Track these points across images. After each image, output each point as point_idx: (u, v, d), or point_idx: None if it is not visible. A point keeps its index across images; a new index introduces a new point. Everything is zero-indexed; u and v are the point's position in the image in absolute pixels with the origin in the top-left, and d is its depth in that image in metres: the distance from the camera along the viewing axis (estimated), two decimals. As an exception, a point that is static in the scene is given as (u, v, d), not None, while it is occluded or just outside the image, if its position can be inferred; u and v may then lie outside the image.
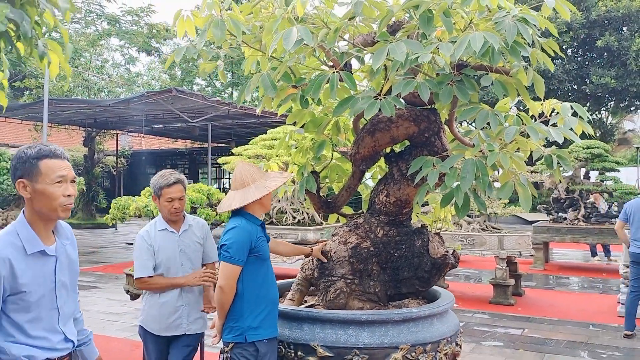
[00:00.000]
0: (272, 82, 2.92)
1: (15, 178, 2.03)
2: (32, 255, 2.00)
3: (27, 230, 2.01)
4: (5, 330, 1.97)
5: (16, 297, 1.95)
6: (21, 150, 2.05)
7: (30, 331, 1.99)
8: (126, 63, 26.34)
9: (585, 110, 2.96)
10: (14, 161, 2.04)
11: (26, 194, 2.02)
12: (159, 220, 3.36)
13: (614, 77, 21.28)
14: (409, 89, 2.65)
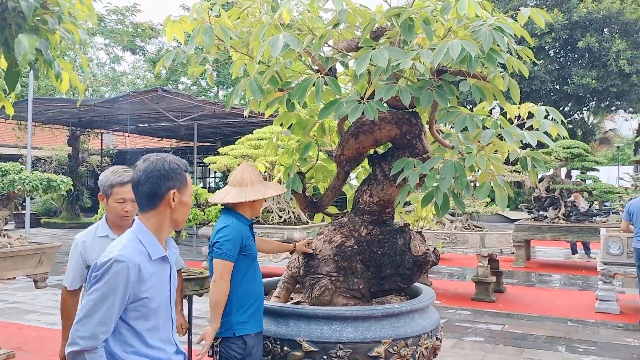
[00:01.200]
0: (260, 86, 3.02)
1: (172, 188, 2.02)
2: (155, 261, 1.99)
3: (149, 237, 1.99)
4: (124, 339, 1.93)
5: (139, 303, 1.92)
6: (174, 161, 2.07)
7: (150, 341, 1.97)
8: (111, 62, 26.22)
9: (567, 110, 3.10)
10: (167, 171, 2.03)
11: (174, 203, 2.02)
12: (102, 224, 2.87)
13: (595, 77, 21.65)
14: (391, 94, 2.77)
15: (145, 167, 2.03)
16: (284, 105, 3.29)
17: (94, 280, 1.88)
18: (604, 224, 10.80)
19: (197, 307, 7.05)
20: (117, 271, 1.85)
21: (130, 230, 2.01)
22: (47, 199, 22.32)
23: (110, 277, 1.85)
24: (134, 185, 2.03)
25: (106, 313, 1.84)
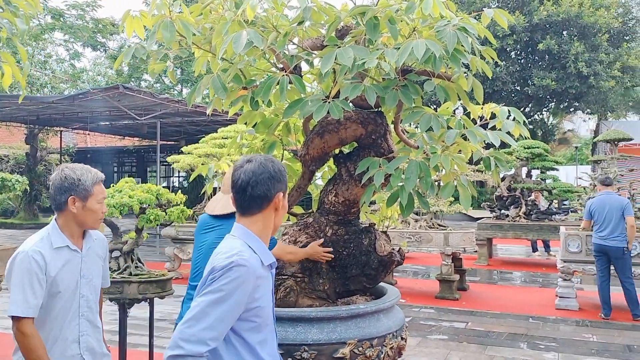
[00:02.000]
0: (223, 84, 2.95)
1: (280, 190, 1.93)
2: (265, 268, 1.86)
3: (258, 242, 1.87)
4: (238, 353, 1.80)
5: (252, 312, 1.80)
6: (279, 163, 1.98)
7: (262, 355, 1.84)
8: (71, 58, 25.52)
9: (528, 111, 3.14)
10: (276, 173, 1.92)
11: (279, 207, 1.95)
12: (54, 234, 2.36)
13: (555, 79, 22.22)
14: (357, 93, 2.75)
15: (254, 168, 1.88)
16: (248, 103, 3.24)
17: (209, 282, 1.74)
18: (563, 223, 11.07)
19: (159, 309, 6.92)
20: (239, 276, 1.72)
21: (233, 235, 1.88)
22: (3, 199, 21.61)
23: (231, 281, 1.71)
24: (239, 187, 1.87)
25: (219, 317, 1.70)
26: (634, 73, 23.62)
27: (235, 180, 1.88)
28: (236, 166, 1.92)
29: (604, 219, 6.73)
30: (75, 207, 2.33)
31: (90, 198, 2.36)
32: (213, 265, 1.76)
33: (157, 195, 3.86)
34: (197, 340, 1.65)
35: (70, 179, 2.33)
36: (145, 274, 3.93)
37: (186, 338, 1.66)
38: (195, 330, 1.66)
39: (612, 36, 22.88)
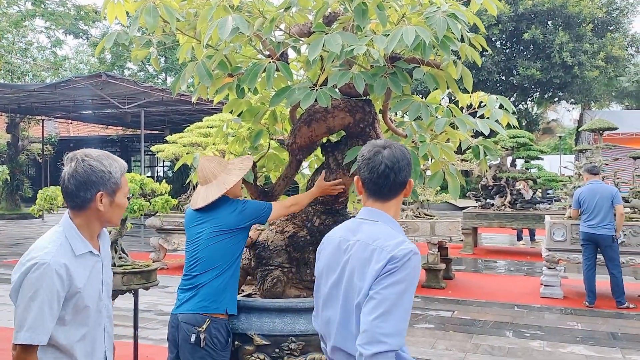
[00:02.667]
0: (208, 71, 2.89)
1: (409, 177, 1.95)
2: None
3: (402, 230, 1.94)
4: None
5: None
6: None
7: None
8: (52, 46, 25.06)
9: (513, 100, 3.12)
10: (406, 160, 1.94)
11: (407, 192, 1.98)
12: (72, 236, 1.92)
13: (539, 69, 22.33)
14: (345, 80, 2.70)
15: (396, 154, 1.86)
16: (233, 91, 3.17)
17: (391, 273, 1.70)
18: (547, 212, 11.16)
19: (143, 300, 6.85)
20: (416, 264, 1.73)
21: (374, 220, 1.86)
22: (-16, 189, 21.28)
23: (411, 270, 1.71)
24: (382, 173, 1.84)
25: (407, 307, 1.70)
26: (617, 63, 23.82)
27: (376, 165, 1.85)
28: (371, 152, 1.89)
29: (593, 208, 6.76)
30: (103, 204, 1.92)
31: (119, 192, 1.98)
32: (392, 255, 1.72)
33: (141, 185, 3.79)
34: (397, 332, 1.65)
35: (99, 172, 1.90)
36: (129, 265, 3.86)
37: (387, 332, 1.64)
38: (393, 323, 1.65)
39: (597, 26, 23.02)
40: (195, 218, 2.97)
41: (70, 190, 1.90)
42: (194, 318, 2.82)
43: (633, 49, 25.63)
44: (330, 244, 1.94)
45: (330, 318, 1.89)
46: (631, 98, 32.48)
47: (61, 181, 1.93)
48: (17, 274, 1.81)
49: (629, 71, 29.25)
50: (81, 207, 1.92)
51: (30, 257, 1.81)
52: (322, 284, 1.93)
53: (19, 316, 1.78)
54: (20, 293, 1.79)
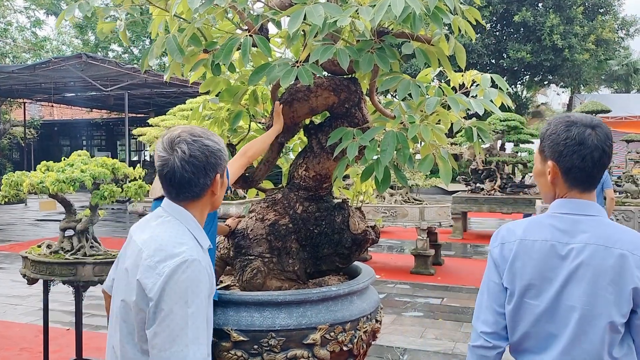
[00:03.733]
0: (179, 46, 2.65)
1: None
2: None
3: None
4: None
5: None
6: None
7: None
8: (32, 26, 24.41)
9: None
10: None
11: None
12: (195, 228, 1.67)
13: (530, 51, 22.14)
14: (328, 56, 2.48)
15: (604, 135, 1.61)
16: (209, 69, 2.95)
17: None
18: (537, 196, 11.04)
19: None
20: None
21: (604, 217, 1.61)
22: (-35, 173, 20.85)
23: None
24: (596, 163, 1.58)
25: None
26: (607, 46, 23.71)
27: (591, 151, 1.57)
28: (580, 133, 1.58)
29: None
30: (219, 187, 1.68)
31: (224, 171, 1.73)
32: None
33: (112, 170, 3.55)
34: None
35: (217, 151, 1.62)
36: (101, 255, 3.64)
37: None
38: None
39: (587, 9, 22.84)
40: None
41: (187, 179, 1.58)
42: None
43: (623, 32, 25.51)
44: (536, 249, 1.59)
45: (551, 333, 1.60)
46: (620, 81, 32.46)
47: (166, 170, 1.58)
48: (152, 278, 1.46)
49: (619, 54, 29.18)
50: (198, 196, 1.64)
51: (169, 254, 1.49)
52: (532, 298, 1.60)
53: (171, 329, 1.42)
54: (167, 299, 1.43)
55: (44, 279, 3.68)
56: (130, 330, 1.54)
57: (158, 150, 1.61)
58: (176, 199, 1.64)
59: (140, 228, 1.68)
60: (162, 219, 1.63)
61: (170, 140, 1.59)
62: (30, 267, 3.67)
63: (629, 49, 30.67)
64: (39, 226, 13.79)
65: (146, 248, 1.54)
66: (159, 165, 1.60)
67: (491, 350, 1.66)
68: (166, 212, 1.65)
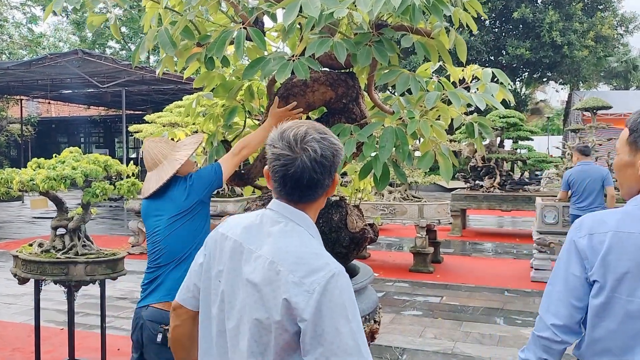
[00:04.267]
0: (171, 39, 2.57)
1: None
2: None
3: None
4: None
5: None
6: None
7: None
8: (28, 22, 24.24)
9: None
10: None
11: None
12: (316, 235, 1.65)
13: (529, 48, 22.04)
14: (325, 49, 2.40)
15: None
16: (203, 63, 2.86)
17: None
18: (537, 193, 10.98)
19: (120, 287, 6.57)
20: None
21: None
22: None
23: None
24: None
25: None
26: (606, 43, 23.60)
27: None
28: None
29: (583, 190, 6.53)
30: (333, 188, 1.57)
31: None
32: None
33: (105, 167, 3.47)
34: None
35: (340, 149, 1.51)
36: (93, 254, 3.56)
37: None
38: None
39: (586, 5, 22.74)
40: (150, 208, 2.70)
41: (316, 180, 1.44)
42: (160, 315, 2.54)
43: (622, 29, 25.42)
44: (632, 242, 1.50)
45: None
46: (619, 78, 32.38)
47: (292, 170, 1.43)
48: (302, 296, 1.34)
49: (618, 51, 29.10)
50: (317, 198, 1.51)
51: (312, 268, 1.37)
52: (626, 294, 1.50)
53: (343, 350, 1.32)
54: (327, 319, 1.33)
55: (35, 278, 3.60)
56: (262, 350, 1.40)
57: (277, 149, 1.44)
58: (297, 202, 1.49)
59: (252, 234, 1.49)
60: (282, 225, 1.47)
61: (297, 137, 1.44)
62: (21, 267, 3.59)
63: (628, 45, 30.60)
64: (35, 224, 13.70)
65: (281, 261, 1.39)
66: (279, 165, 1.43)
67: (558, 344, 1.59)
68: (284, 216, 1.48)
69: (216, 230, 1.59)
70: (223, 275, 1.49)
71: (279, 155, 1.43)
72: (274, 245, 1.43)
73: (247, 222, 1.53)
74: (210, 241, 1.58)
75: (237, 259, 1.47)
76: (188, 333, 1.71)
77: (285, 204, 1.48)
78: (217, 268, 1.51)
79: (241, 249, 1.47)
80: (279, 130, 1.47)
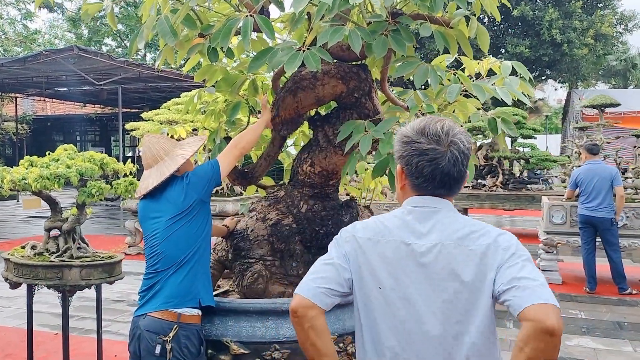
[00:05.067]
0: (172, 27, 2.40)
1: None
2: None
3: None
4: None
5: None
6: None
7: None
8: (23, 18, 23.95)
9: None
10: None
11: None
12: None
13: (528, 46, 21.89)
14: (338, 38, 2.23)
15: None
16: (205, 55, 2.69)
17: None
18: (540, 192, 10.83)
19: (116, 289, 6.38)
20: None
21: None
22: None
23: None
24: None
25: None
26: (606, 41, 23.47)
27: None
28: None
29: (592, 189, 6.37)
30: None
31: None
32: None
33: (101, 165, 3.29)
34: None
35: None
36: (89, 257, 3.38)
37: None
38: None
39: (586, 3, 22.59)
40: (148, 210, 2.53)
41: (462, 174, 1.54)
42: (159, 325, 2.37)
43: (621, 27, 25.29)
44: None
45: None
46: (618, 77, 32.29)
47: (442, 164, 1.47)
48: (499, 255, 1.45)
49: (617, 49, 28.99)
50: (459, 191, 1.59)
51: (495, 234, 1.49)
52: None
53: (530, 271, 1.44)
54: (518, 256, 1.47)
55: (28, 283, 3.42)
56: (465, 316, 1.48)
57: (421, 144, 1.47)
58: (442, 196, 1.53)
59: (409, 231, 1.51)
60: (443, 213, 1.52)
61: (443, 131, 1.47)
62: (13, 270, 3.41)
63: (627, 44, 30.50)
64: (30, 223, 13.50)
65: (473, 245, 1.45)
66: (427, 160, 1.46)
67: None
68: (435, 208, 1.52)
69: (353, 239, 1.60)
70: (396, 277, 1.50)
71: (425, 151, 1.45)
72: (445, 231, 1.48)
73: (394, 222, 1.53)
74: (352, 249, 1.59)
75: (405, 258, 1.49)
76: (323, 327, 1.62)
77: (433, 197, 1.51)
78: (383, 272, 1.51)
79: (407, 248, 1.49)
80: (415, 126, 1.49)
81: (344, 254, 1.59)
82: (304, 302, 1.58)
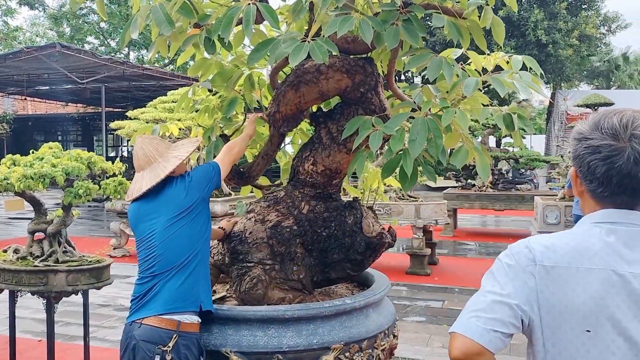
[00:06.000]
0: (167, 16, 2.24)
1: None
2: None
3: None
4: None
5: None
6: None
7: None
8: (3, 15, 23.46)
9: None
10: None
11: None
12: None
13: (514, 47, 21.95)
14: (347, 27, 2.09)
15: None
16: (201, 48, 2.53)
17: None
18: (530, 192, 10.79)
19: (102, 293, 6.16)
20: None
21: None
22: None
23: None
24: None
25: None
26: (590, 42, 23.66)
27: None
28: None
29: None
30: None
31: None
32: None
33: (88, 164, 3.11)
34: None
35: None
36: (75, 261, 3.19)
37: None
38: None
39: (570, 4, 22.74)
40: (142, 212, 2.37)
41: None
42: (157, 333, 2.21)
43: (605, 28, 25.53)
44: None
45: None
46: (601, 78, 32.59)
47: (621, 163, 1.22)
48: None
49: (601, 51, 29.25)
50: None
51: None
52: None
53: None
54: None
55: (10, 289, 3.22)
56: None
57: (594, 140, 1.24)
58: (626, 205, 1.25)
59: (615, 257, 1.23)
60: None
61: (621, 123, 1.23)
62: (-5, 276, 3.21)
63: (610, 45, 30.79)
64: (12, 225, 13.15)
65: None
66: (600, 158, 1.22)
67: None
68: (632, 223, 1.24)
69: (540, 267, 1.27)
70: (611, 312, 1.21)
71: (598, 147, 1.22)
72: None
73: (593, 244, 1.24)
74: (539, 280, 1.27)
75: (619, 293, 1.20)
76: None
77: (619, 210, 1.25)
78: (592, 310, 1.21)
79: (620, 280, 1.21)
80: (590, 121, 1.27)
81: (526, 291, 1.27)
82: (474, 347, 1.25)
